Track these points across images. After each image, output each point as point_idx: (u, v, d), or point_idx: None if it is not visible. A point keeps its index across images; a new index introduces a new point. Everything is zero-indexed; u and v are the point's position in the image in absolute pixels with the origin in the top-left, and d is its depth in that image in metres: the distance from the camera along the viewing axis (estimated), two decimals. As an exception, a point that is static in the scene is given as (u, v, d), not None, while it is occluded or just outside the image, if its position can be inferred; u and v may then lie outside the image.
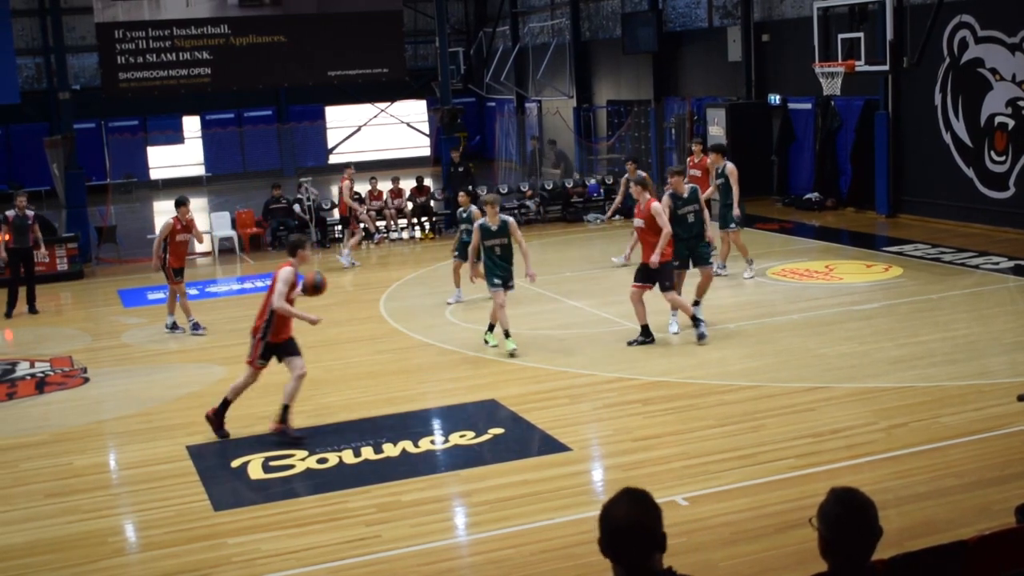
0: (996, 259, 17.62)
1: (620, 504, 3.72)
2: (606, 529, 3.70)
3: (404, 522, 8.59)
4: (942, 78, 21.03)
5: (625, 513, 3.69)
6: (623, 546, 3.67)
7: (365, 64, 25.25)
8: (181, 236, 15.71)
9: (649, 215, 13.20)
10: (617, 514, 3.69)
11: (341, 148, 40.52)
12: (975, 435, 9.79)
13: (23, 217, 17.83)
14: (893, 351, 12.72)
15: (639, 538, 3.67)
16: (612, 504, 3.73)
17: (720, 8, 27.80)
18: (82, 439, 11.29)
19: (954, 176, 21.02)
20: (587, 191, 25.45)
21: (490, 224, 13.63)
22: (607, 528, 3.70)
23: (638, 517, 3.68)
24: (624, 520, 3.67)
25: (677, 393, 11.57)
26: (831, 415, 10.57)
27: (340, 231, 23.41)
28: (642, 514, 3.69)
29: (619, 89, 32.60)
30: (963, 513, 8.11)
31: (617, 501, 3.73)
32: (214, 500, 9.26)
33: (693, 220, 13.81)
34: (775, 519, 8.19)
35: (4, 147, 35.39)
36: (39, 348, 15.44)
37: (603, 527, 3.72)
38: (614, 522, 3.69)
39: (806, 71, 21.92)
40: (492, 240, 13.62)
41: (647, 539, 3.67)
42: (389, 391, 12.33)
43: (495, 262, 13.60)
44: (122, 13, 23.01)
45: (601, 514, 3.75)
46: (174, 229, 15.61)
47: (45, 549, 8.48)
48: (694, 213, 13.84)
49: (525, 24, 37.50)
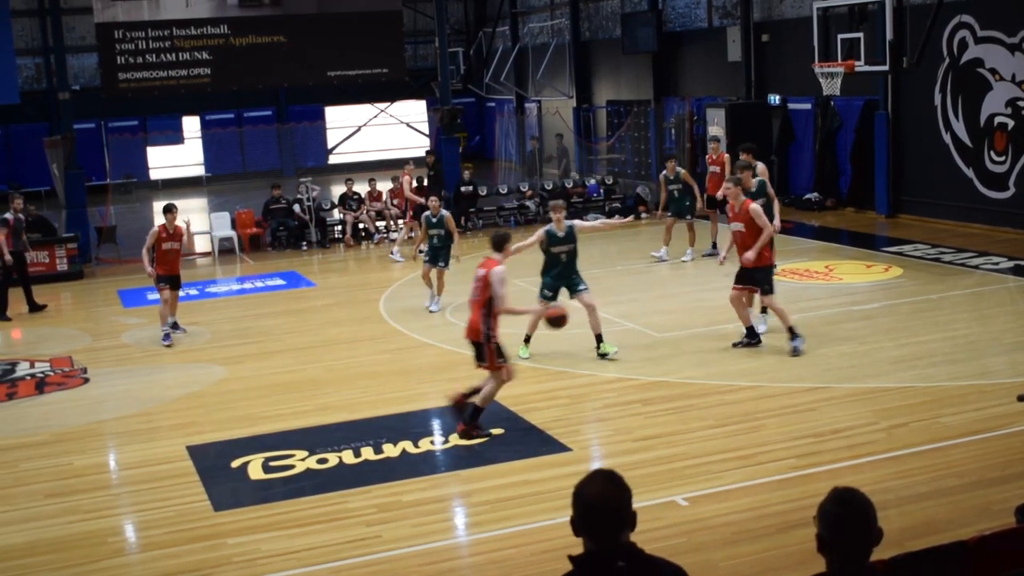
0: (996, 259, 17.63)
1: (594, 483, 3.85)
2: (580, 507, 3.84)
3: (405, 522, 8.59)
4: (942, 78, 21.04)
5: (599, 492, 3.82)
6: (596, 523, 3.81)
7: (365, 64, 25.25)
8: (167, 244, 15.27)
9: (748, 216, 12.71)
10: (591, 493, 3.83)
11: (341, 148, 40.53)
12: (976, 435, 9.79)
13: (20, 220, 17.96)
14: (893, 351, 12.72)
15: (612, 516, 3.80)
16: (585, 484, 3.86)
17: (720, 8, 27.80)
18: (82, 439, 11.29)
19: (954, 176, 21.02)
20: (587, 191, 25.46)
21: (556, 230, 13.05)
22: (581, 506, 3.84)
23: (611, 496, 3.81)
24: (598, 499, 3.81)
25: (677, 393, 11.57)
26: (831, 415, 10.57)
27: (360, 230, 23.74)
28: (615, 494, 3.82)
29: (619, 89, 32.61)
30: (964, 513, 8.11)
31: (591, 481, 3.87)
32: (214, 500, 9.26)
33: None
34: (776, 519, 8.19)
35: (4, 147, 35.39)
36: (39, 348, 15.44)
37: (577, 506, 3.85)
38: (588, 500, 3.82)
39: (806, 71, 21.92)
40: (560, 247, 13.05)
41: (619, 517, 3.80)
42: (389, 391, 12.33)
43: (560, 270, 13.02)
44: (122, 13, 23.02)
45: (575, 493, 3.88)
46: (159, 237, 15.22)
47: (45, 549, 8.48)
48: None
49: (525, 24, 37.50)
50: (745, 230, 12.78)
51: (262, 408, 11.90)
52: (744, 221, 12.76)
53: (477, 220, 24.40)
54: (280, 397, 12.32)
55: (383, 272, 20.49)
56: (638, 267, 18.93)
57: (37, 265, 20.28)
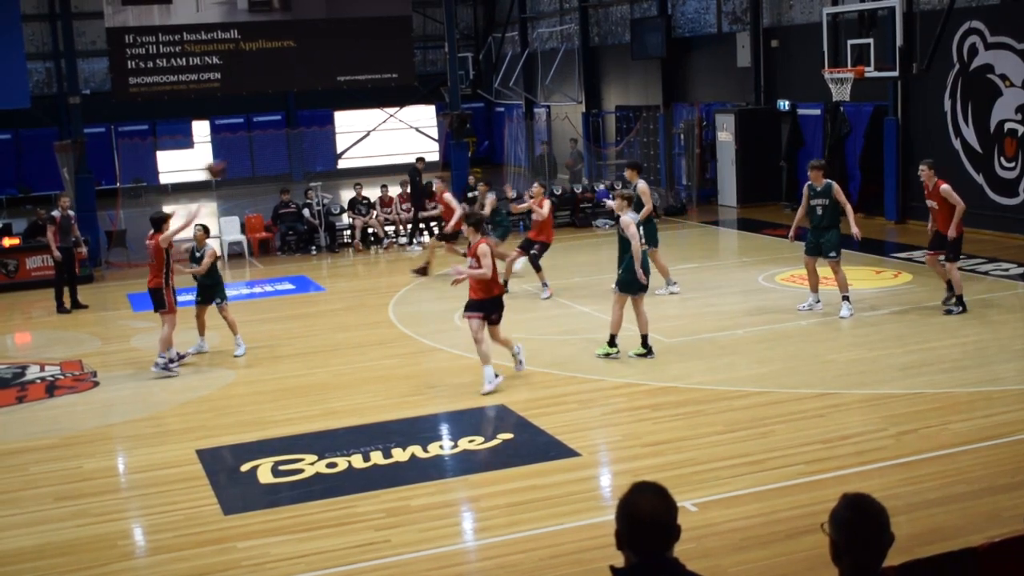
0: (1006, 265, 17.59)
1: (643, 497, 3.83)
2: (627, 521, 3.81)
3: (414, 527, 8.59)
4: (952, 84, 21.01)
5: (648, 506, 3.80)
6: (643, 538, 3.79)
7: (374, 69, 25.29)
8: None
9: (940, 196, 14.43)
10: (640, 507, 3.80)
11: (350, 153, 40.59)
12: (985, 442, 9.77)
13: (67, 217, 18.56)
14: (902, 357, 12.70)
15: (659, 531, 3.78)
16: (634, 497, 3.84)
17: (729, 14, 27.82)
18: (92, 443, 11.32)
19: (963, 182, 20.91)
20: (596, 196, 25.45)
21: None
22: (628, 520, 3.81)
23: (660, 511, 3.80)
24: (647, 513, 3.79)
25: (686, 399, 11.57)
26: (840, 421, 10.56)
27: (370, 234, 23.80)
28: (664, 509, 3.80)
29: (628, 94, 32.62)
30: (973, 520, 8.10)
31: (639, 494, 3.84)
32: (223, 504, 9.27)
33: (821, 212, 14.79)
34: (785, 525, 8.19)
35: (15, 151, 35.52)
36: (49, 352, 15.48)
37: (623, 519, 3.82)
38: (636, 514, 3.80)
39: (815, 77, 21.93)
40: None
41: (666, 532, 3.79)
42: (399, 395, 12.34)
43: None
44: (132, 18, 23.10)
45: (621, 506, 3.84)
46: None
47: (54, 552, 8.50)
48: (822, 207, 14.78)
49: (534, 29, 37.54)
50: (937, 207, 14.52)
51: (271, 412, 11.92)
52: (936, 199, 14.49)
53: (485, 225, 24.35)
54: (289, 401, 12.35)
55: (392, 277, 20.51)
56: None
57: (48, 269, 20.37)
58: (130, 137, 33.39)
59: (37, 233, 21.21)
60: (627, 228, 13.06)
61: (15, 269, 20.61)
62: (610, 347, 13.21)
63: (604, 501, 9.24)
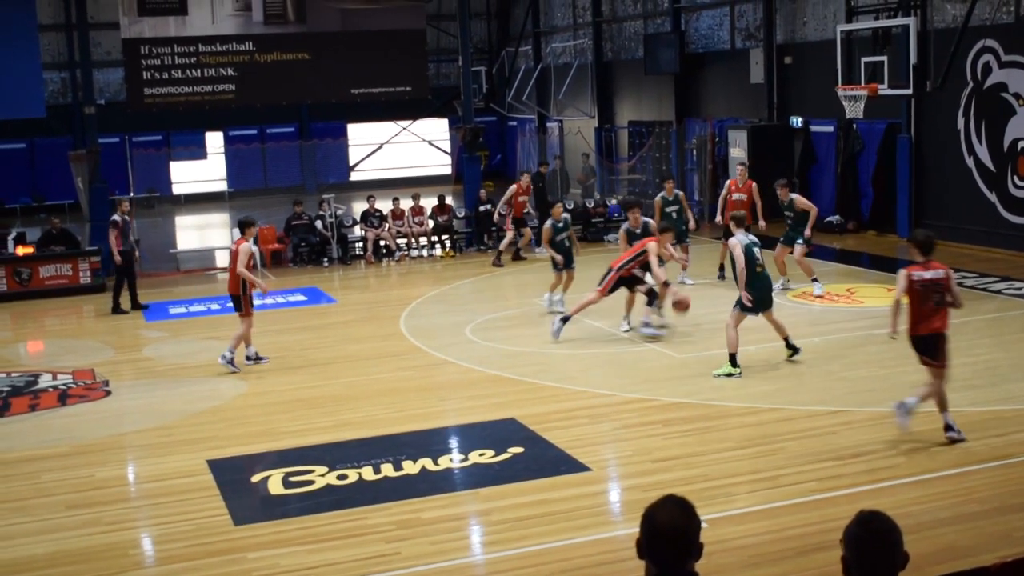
0: (1018, 284, 17.54)
1: (665, 509, 3.84)
2: (648, 531, 3.82)
3: (424, 539, 8.60)
4: (965, 102, 21.00)
5: (669, 518, 3.81)
6: (662, 549, 3.80)
7: (388, 82, 25.39)
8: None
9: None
10: (661, 518, 3.81)
11: (363, 165, 40.69)
12: (997, 461, 9.75)
13: (127, 222, 19.07)
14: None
15: (678, 543, 3.79)
16: (657, 508, 3.85)
17: (743, 30, 27.86)
18: (103, 451, 11.35)
19: (976, 200, 20.96)
20: (608, 211, 25.47)
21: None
22: (649, 530, 3.82)
23: (681, 524, 3.81)
24: (667, 525, 3.80)
25: (697, 415, 11.56)
26: (852, 439, 10.54)
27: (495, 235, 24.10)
28: (685, 522, 3.81)
29: (641, 110, 32.67)
30: (985, 539, 8.08)
31: (662, 506, 3.85)
32: (234, 514, 9.29)
33: (791, 222, 16.52)
34: (795, 542, 8.17)
35: (29, 160, 35.68)
36: (62, 360, 15.53)
37: (645, 528, 3.83)
38: (657, 525, 3.81)
39: (828, 94, 21.95)
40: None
41: (685, 545, 3.80)
42: (409, 408, 12.35)
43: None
44: (148, 29, 23.23)
45: (644, 515, 3.85)
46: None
47: (66, 560, 8.53)
48: (791, 217, 16.56)
49: (547, 44, 37.63)
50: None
51: (282, 423, 11.94)
52: None
53: (497, 239, 24.41)
54: (300, 413, 12.37)
55: (404, 289, 20.54)
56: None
57: (60, 278, 20.47)
58: (144, 147, 33.54)
59: (51, 242, 21.33)
60: (733, 250, 13.17)
61: (28, 277, 20.69)
62: (732, 367, 12.91)
63: (614, 516, 9.24)
